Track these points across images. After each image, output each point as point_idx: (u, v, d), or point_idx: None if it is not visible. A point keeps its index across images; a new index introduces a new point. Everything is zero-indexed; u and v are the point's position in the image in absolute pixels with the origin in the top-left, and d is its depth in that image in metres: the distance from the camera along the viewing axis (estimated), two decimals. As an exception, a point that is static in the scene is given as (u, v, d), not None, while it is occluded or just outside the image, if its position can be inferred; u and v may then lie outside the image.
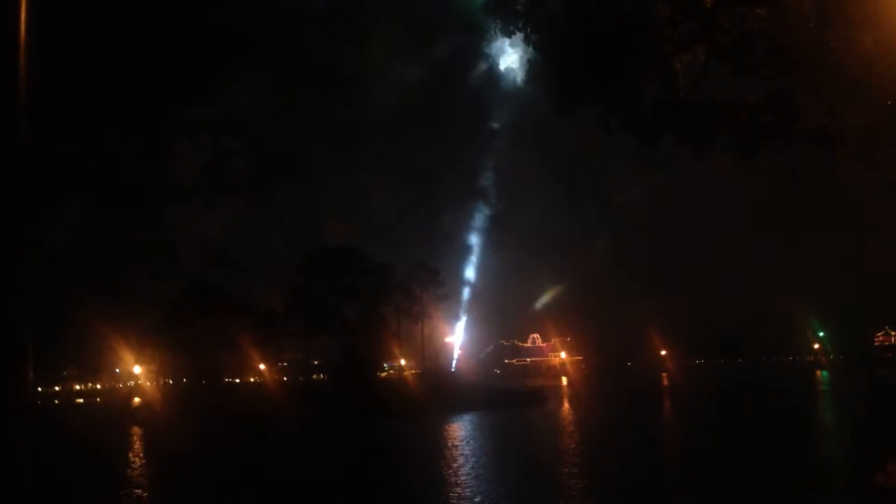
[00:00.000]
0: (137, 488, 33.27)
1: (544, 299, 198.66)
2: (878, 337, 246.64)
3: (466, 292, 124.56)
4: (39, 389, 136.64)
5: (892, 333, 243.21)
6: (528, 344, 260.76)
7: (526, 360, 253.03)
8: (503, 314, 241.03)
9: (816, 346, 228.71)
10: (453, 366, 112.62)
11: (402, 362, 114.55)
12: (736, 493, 25.09)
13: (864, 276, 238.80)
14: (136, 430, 68.52)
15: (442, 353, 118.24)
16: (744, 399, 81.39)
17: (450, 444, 44.68)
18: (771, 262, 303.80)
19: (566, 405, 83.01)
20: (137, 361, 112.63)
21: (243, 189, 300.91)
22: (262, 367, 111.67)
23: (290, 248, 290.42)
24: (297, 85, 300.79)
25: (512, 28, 14.37)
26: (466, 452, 40.28)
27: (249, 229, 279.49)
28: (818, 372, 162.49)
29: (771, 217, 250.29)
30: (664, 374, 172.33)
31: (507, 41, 14.47)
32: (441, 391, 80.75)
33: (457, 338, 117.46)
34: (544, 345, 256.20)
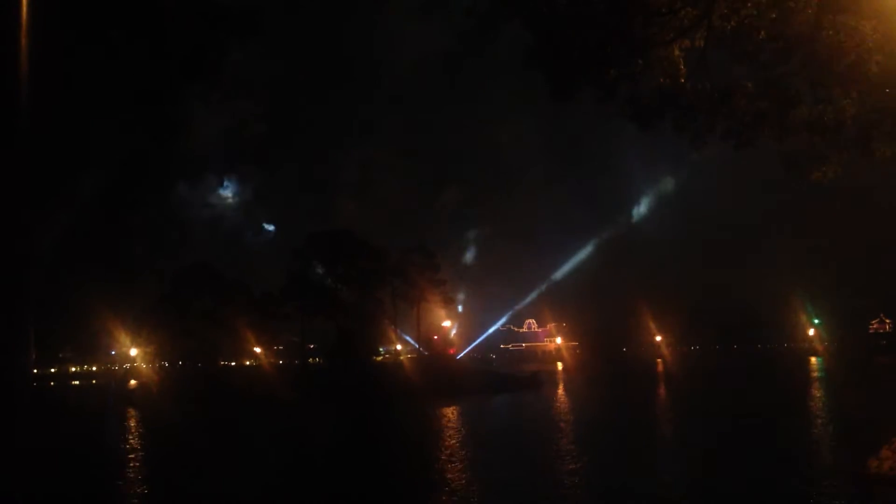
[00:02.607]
0: (133, 469, 33.41)
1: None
2: (872, 324, 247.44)
3: (464, 276, 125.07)
4: (35, 371, 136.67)
5: (887, 321, 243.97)
6: (524, 329, 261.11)
7: (521, 345, 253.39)
8: (500, 298, 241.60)
9: (811, 332, 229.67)
10: (461, 354, 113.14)
11: (398, 347, 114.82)
12: (727, 478, 25.24)
13: (860, 264, 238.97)
14: (132, 411, 68.66)
15: (439, 337, 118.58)
16: (737, 385, 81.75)
17: (441, 429, 44.89)
18: (767, 250, 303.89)
19: (560, 390, 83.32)
20: (134, 343, 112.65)
21: (248, 168, 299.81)
22: (258, 350, 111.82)
23: (295, 227, 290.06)
24: (304, 57, 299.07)
25: (511, 11, 14.34)
26: (455, 437, 40.48)
27: (254, 207, 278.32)
28: (812, 358, 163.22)
29: (770, 205, 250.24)
30: (659, 360, 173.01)
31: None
32: (436, 376, 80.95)
33: (460, 323, 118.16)
34: (540, 330, 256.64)
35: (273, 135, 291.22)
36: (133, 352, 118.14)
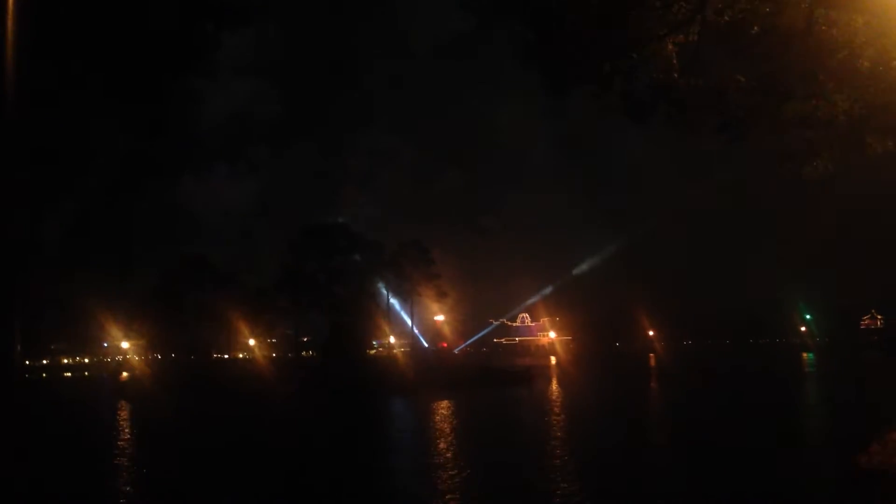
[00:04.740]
0: (125, 461, 33.41)
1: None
2: (864, 320, 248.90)
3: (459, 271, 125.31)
4: (27, 363, 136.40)
5: (879, 317, 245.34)
6: (518, 323, 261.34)
7: (515, 340, 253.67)
8: (493, 293, 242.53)
9: (803, 328, 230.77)
10: (458, 348, 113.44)
11: (392, 340, 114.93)
12: (715, 472, 25.33)
13: (851, 259, 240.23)
14: (124, 404, 68.54)
15: (431, 331, 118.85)
16: (729, 379, 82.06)
17: (431, 421, 44.98)
18: (760, 245, 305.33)
19: (553, 385, 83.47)
20: (126, 336, 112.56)
21: (246, 161, 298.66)
22: (251, 343, 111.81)
23: (294, 218, 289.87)
24: (311, 42, 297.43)
25: (506, 7, 14.33)
26: (444, 432, 40.58)
27: (255, 199, 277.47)
28: (804, 354, 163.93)
29: (761, 199, 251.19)
30: (652, 355, 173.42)
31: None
32: (429, 370, 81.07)
33: (456, 318, 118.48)
34: (533, 324, 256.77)
35: (271, 127, 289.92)
36: (125, 344, 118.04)
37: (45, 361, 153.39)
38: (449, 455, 30.78)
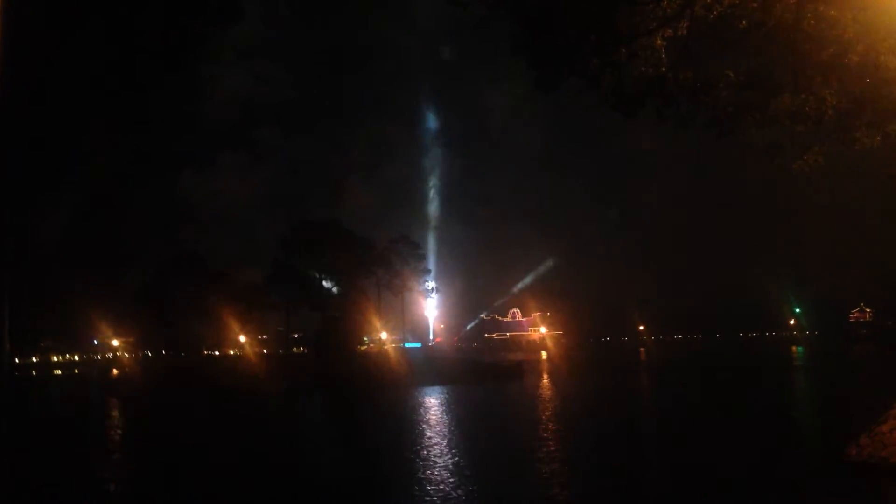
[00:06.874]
0: (114, 460, 33.31)
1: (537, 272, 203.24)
2: (853, 313, 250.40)
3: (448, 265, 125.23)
4: (17, 360, 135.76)
5: (868, 310, 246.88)
6: (508, 318, 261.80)
7: (506, 335, 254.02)
8: (484, 287, 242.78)
9: (792, 322, 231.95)
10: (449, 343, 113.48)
11: (383, 335, 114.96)
12: (705, 467, 25.39)
13: (841, 253, 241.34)
14: (114, 401, 68.27)
15: (422, 326, 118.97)
16: (719, 373, 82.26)
17: (422, 415, 44.97)
18: (749, 239, 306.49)
19: (545, 380, 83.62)
20: (116, 333, 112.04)
21: (250, 148, 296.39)
22: (242, 339, 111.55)
23: (291, 213, 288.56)
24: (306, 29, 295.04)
25: (495, 1, 14.30)
26: (436, 422, 40.58)
27: (251, 193, 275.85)
28: (794, 347, 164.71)
29: (751, 194, 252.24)
30: (642, 349, 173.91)
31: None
32: (420, 365, 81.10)
33: (446, 313, 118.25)
34: (524, 319, 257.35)
35: (270, 116, 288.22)
36: (115, 342, 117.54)
37: (34, 359, 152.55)
38: (438, 447, 30.80)
